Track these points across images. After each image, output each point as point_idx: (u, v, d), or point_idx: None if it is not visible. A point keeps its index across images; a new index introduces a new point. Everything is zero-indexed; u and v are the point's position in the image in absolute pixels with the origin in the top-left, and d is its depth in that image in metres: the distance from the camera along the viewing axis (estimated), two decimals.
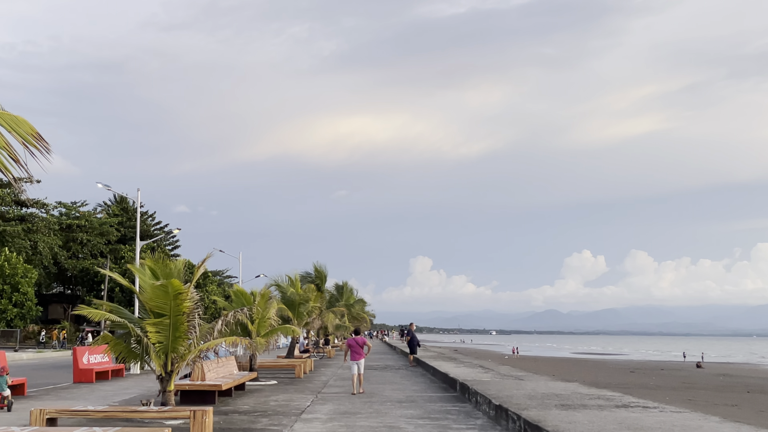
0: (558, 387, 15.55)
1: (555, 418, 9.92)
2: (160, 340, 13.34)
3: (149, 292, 13.26)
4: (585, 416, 10.14)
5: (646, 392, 36.15)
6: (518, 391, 14.34)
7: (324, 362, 36.32)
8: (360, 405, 15.47)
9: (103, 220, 78.35)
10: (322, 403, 16.13)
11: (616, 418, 9.95)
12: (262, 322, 22.31)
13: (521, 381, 17.40)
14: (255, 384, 21.15)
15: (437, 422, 12.67)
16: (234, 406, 15.71)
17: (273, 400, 16.76)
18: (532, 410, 10.84)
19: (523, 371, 22.68)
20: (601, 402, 12.22)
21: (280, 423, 12.78)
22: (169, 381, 13.50)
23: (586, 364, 77.05)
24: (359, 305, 60.24)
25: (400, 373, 26.77)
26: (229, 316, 14.77)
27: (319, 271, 42.21)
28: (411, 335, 34.05)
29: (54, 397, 17.99)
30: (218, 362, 18.39)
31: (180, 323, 13.27)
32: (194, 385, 16.14)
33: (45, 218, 68.17)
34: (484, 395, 13.73)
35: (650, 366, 72.35)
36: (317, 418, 13.39)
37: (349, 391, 18.83)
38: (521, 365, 50.58)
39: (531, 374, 20.59)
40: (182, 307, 13.10)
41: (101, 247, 75.14)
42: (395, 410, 14.54)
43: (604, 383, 42.80)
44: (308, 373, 26.90)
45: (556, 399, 12.75)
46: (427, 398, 17.09)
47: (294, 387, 20.67)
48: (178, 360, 13.63)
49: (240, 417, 13.73)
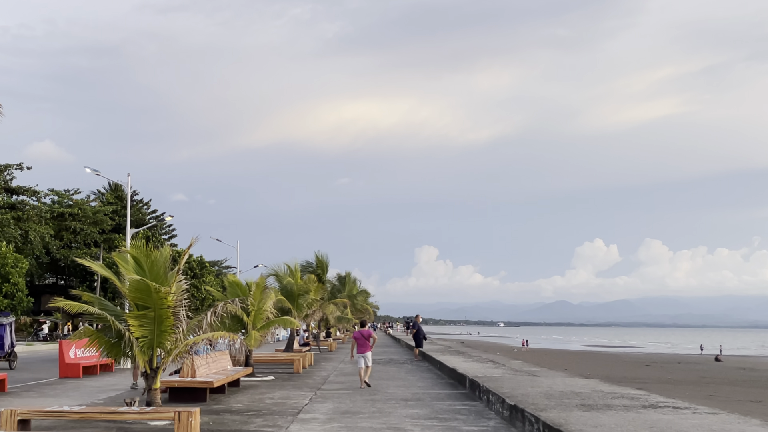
0: (577, 384, 14.83)
1: (578, 420, 9.20)
2: (144, 334, 12.63)
3: (132, 283, 12.56)
4: (611, 418, 9.42)
5: (663, 387, 35.47)
6: (534, 389, 13.62)
7: (325, 356, 35.70)
8: (362, 403, 14.78)
9: (96, 208, 77.71)
10: (322, 401, 15.44)
11: (646, 421, 9.23)
12: (258, 314, 21.64)
13: (536, 377, 16.68)
14: (251, 380, 20.47)
15: (446, 423, 11.98)
16: (226, 404, 15.04)
17: (269, 398, 16.09)
18: (552, 411, 10.13)
19: (537, 366, 21.97)
20: (626, 402, 11.49)
21: (275, 424, 12.09)
22: (155, 378, 12.80)
23: (599, 357, 76.43)
24: (362, 296, 59.61)
25: (405, 368, 26.11)
26: (219, 308, 14.04)
27: (321, 261, 41.57)
28: (417, 328, 33.37)
29: (37, 394, 17.38)
30: (209, 357, 17.69)
31: (165, 316, 12.56)
32: (183, 382, 15.46)
33: (36, 206, 67.49)
34: (497, 393, 13.01)
35: (666, 359, 71.68)
36: (315, 418, 12.70)
37: (352, 387, 18.16)
38: (533, 359, 49.94)
39: (546, 370, 19.88)
40: (167, 300, 12.40)
41: (95, 236, 74.55)
42: (400, 409, 13.84)
43: (619, 377, 42.17)
44: (308, 367, 26.24)
45: (576, 398, 12.03)
46: (435, 396, 16.39)
47: (292, 383, 19.99)
48: (164, 356, 12.94)
49: (232, 417, 13.05)
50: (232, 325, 21.47)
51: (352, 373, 23.68)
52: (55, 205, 74.96)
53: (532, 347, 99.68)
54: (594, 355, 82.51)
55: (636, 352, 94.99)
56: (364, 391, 17.22)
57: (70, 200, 77.27)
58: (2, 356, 26.30)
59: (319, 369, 25.79)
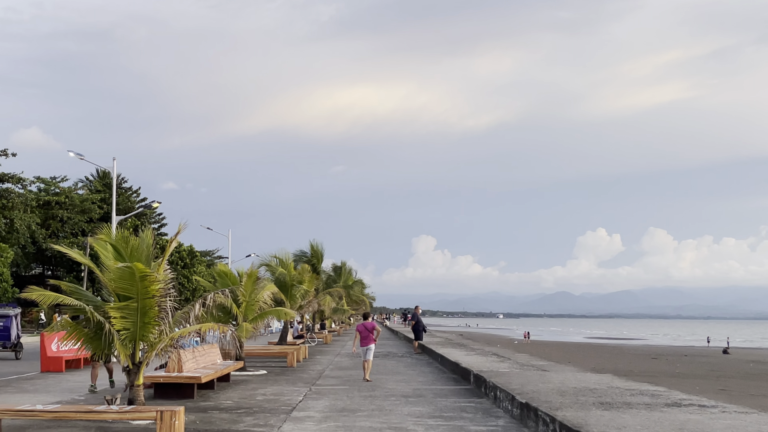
0: (590, 380, 14.22)
1: (598, 421, 8.58)
2: (126, 326, 12.00)
3: (113, 271, 11.92)
4: (634, 419, 8.80)
5: (672, 381, 34.90)
6: (545, 385, 13.00)
7: (320, 348, 35.10)
8: (360, 400, 14.15)
9: (84, 196, 77.01)
10: (317, 397, 14.82)
11: (673, 422, 8.61)
12: (249, 306, 21.00)
13: (545, 372, 16.06)
14: (242, 374, 19.85)
15: (451, 422, 11.36)
16: (215, 401, 14.42)
17: (260, 394, 15.47)
18: (568, 410, 9.51)
19: (544, 360, 21.38)
20: (647, 399, 10.87)
21: (266, 423, 11.47)
22: (138, 374, 12.19)
23: (603, 349, 75.88)
24: (358, 287, 59.02)
25: (405, 362, 25.51)
26: (208, 299, 13.41)
27: (316, 251, 40.94)
28: (416, 319, 32.80)
29: (14, 390, 16.76)
30: (197, 351, 17.04)
31: (149, 307, 11.93)
32: (169, 378, 14.82)
33: (22, 194, 66.78)
34: (506, 390, 12.39)
35: (672, 352, 71.13)
36: (310, 416, 12.08)
37: (349, 382, 17.58)
38: (536, 351, 49.37)
39: (554, 364, 19.27)
40: (151, 289, 11.75)
41: (82, 225, 73.84)
42: (401, 407, 13.22)
43: (626, 370, 41.59)
44: (302, 361, 25.63)
45: (592, 395, 11.41)
46: (437, 392, 15.77)
47: (285, 378, 19.38)
48: (148, 349, 12.31)
49: (220, 415, 12.43)
50: (223, 317, 20.85)
51: (348, 367, 23.08)
52: (41, 193, 74.26)
53: (534, 339, 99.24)
54: (597, 347, 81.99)
55: (640, 344, 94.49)
56: (363, 387, 16.59)
57: (57, 188, 76.55)
58: (9, 347, 28.05)
59: (313, 363, 25.17)
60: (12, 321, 28.50)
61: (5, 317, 28.53)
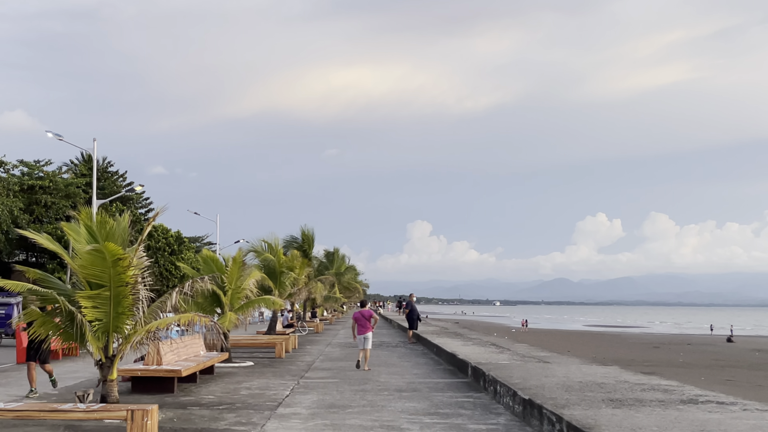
0: (596, 373, 13.63)
1: (610, 421, 7.99)
2: (99, 317, 11.37)
3: (82, 255, 11.27)
4: (649, 418, 8.21)
5: (676, 371, 34.49)
6: (548, 379, 12.41)
7: (311, 338, 34.51)
8: (350, 395, 13.56)
9: (69, 180, 76.11)
10: (305, 391, 14.23)
11: (692, 421, 8.01)
12: (236, 293, 20.37)
13: (548, 364, 15.47)
14: (227, 366, 19.24)
15: (448, 420, 10.77)
16: (196, 395, 13.82)
17: (245, 388, 14.88)
18: (576, 408, 8.92)
19: (545, 350, 20.78)
20: (660, 395, 10.28)
21: (248, 421, 10.87)
22: (111, 368, 11.57)
23: (603, 338, 75.60)
24: (351, 274, 58.43)
25: (398, 352, 24.93)
26: (186, 287, 12.76)
27: (307, 236, 40.41)
28: (411, 307, 32.17)
29: None
30: (178, 342, 16.42)
31: (123, 295, 11.28)
32: (147, 371, 14.19)
33: (4, 178, 65.97)
34: (506, 384, 11.79)
35: (675, 340, 70.87)
36: (297, 413, 11.48)
37: (339, 375, 16.99)
38: (535, 341, 48.94)
39: (556, 355, 18.66)
40: (125, 275, 11.11)
41: (67, 210, 73.06)
42: (394, 402, 12.62)
43: (628, 360, 41.19)
44: (291, 351, 25.02)
45: (600, 390, 10.82)
46: (433, 386, 15.17)
47: (272, 370, 18.77)
48: (122, 341, 11.69)
49: (200, 412, 11.83)
50: (207, 306, 20.24)
51: (339, 358, 22.51)
52: (24, 177, 73.39)
53: (532, 327, 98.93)
54: (597, 335, 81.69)
55: (641, 332, 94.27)
56: (354, 381, 16.00)
57: (40, 172, 75.59)
58: (11, 334, 28.29)
59: (303, 353, 24.58)
60: (14, 309, 29.25)
61: (7, 305, 29.32)
